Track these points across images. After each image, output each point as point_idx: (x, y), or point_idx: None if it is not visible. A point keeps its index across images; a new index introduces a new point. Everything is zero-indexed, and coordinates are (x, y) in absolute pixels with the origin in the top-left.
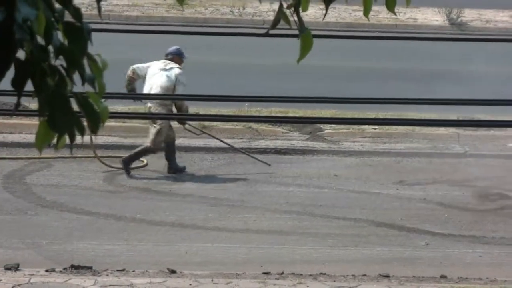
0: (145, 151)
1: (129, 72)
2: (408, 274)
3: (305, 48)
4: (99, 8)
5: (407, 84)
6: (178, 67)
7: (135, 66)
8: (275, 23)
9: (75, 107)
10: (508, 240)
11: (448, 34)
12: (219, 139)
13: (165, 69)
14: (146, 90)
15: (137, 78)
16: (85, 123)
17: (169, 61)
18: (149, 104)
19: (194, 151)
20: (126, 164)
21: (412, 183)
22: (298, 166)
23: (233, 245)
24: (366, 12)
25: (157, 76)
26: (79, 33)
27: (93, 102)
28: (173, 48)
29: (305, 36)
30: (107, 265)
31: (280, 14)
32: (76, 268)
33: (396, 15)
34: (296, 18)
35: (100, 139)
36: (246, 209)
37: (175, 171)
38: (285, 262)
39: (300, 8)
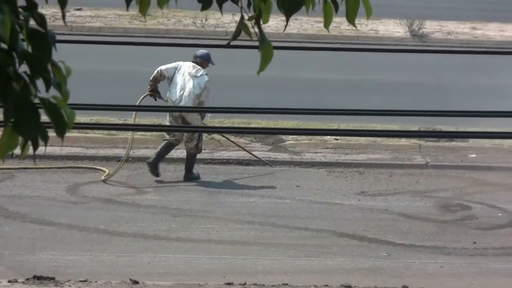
0: (194, 158)
1: (155, 74)
2: (369, 285)
3: (266, 60)
4: (63, 14)
5: (369, 96)
6: (206, 74)
7: (162, 67)
8: (236, 35)
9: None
10: (469, 250)
11: (410, 46)
12: (235, 143)
13: (196, 76)
14: (178, 93)
15: (162, 80)
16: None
17: (198, 66)
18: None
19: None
20: (190, 177)
21: (374, 194)
22: (260, 177)
23: (196, 256)
24: (326, 24)
25: (188, 82)
26: (43, 40)
27: (60, 107)
28: (203, 52)
29: (266, 47)
30: (70, 275)
31: (241, 26)
32: (39, 279)
33: (356, 27)
34: (257, 30)
35: (63, 150)
36: (208, 220)
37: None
38: (247, 272)
39: (261, 20)
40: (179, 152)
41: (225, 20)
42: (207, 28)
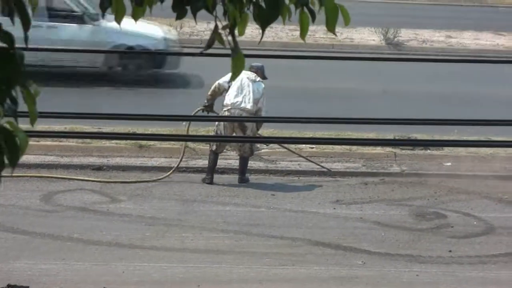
0: (247, 161)
1: (214, 88)
2: None
3: (237, 70)
4: (26, 37)
5: (344, 103)
6: (262, 81)
7: (220, 81)
8: (210, 44)
9: None
10: (444, 259)
11: (385, 54)
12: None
13: (254, 81)
14: (238, 96)
15: (221, 93)
16: None
17: (255, 74)
18: (237, 111)
19: (131, 170)
20: (245, 179)
21: (349, 202)
22: (235, 185)
23: (170, 264)
24: (303, 34)
25: (247, 87)
26: (11, 60)
27: (13, 131)
28: (259, 64)
29: (237, 58)
30: (44, 284)
31: (215, 35)
32: None
33: (336, 35)
34: (230, 39)
35: (37, 158)
36: (183, 228)
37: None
38: (222, 281)
39: (236, 31)
40: (154, 160)
41: (200, 28)
42: (182, 36)
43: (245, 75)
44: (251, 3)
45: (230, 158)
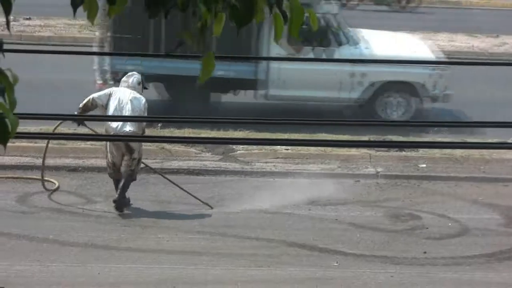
0: (129, 183)
1: (86, 101)
2: None
3: (207, 70)
4: (7, 21)
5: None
6: (141, 95)
7: (95, 95)
8: (179, 43)
9: None
10: (419, 260)
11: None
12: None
13: (135, 98)
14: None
15: (94, 109)
16: None
17: (132, 89)
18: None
19: (105, 172)
20: (122, 203)
21: (324, 204)
22: (210, 186)
23: (146, 266)
24: (277, 36)
25: (125, 106)
26: None
27: (3, 112)
28: (136, 74)
29: (207, 58)
30: (20, 286)
31: (186, 35)
32: None
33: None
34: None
35: (12, 160)
36: (158, 230)
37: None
38: (198, 282)
39: (212, 31)
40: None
41: None
42: None
43: (123, 94)
44: (226, 4)
45: (205, 160)
